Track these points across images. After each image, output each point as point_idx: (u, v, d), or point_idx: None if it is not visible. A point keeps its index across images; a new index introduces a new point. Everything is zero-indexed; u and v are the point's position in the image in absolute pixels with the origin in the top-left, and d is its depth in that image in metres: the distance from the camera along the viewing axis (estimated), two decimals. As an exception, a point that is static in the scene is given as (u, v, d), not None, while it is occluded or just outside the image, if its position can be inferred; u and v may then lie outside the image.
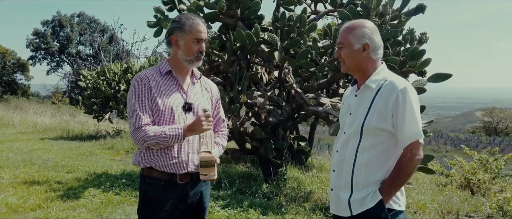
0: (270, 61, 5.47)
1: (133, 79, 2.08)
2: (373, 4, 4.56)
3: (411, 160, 1.79)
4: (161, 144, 2.00)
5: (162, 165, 2.05)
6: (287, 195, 5.07)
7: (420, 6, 4.60)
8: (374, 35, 1.90)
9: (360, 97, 1.94)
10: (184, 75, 2.17)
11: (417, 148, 1.80)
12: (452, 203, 5.32)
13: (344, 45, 1.93)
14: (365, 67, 1.92)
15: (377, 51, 1.92)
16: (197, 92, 2.20)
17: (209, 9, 5.24)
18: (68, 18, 28.60)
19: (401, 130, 1.78)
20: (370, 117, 1.83)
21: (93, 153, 7.99)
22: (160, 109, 2.03)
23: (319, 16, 5.63)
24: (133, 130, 2.01)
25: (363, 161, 1.85)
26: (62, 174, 5.76)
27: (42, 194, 4.69)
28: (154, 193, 2.07)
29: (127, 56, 24.19)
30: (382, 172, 1.84)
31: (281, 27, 5.08)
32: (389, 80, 1.85)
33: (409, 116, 1.77)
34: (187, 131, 2.01)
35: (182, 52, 2.08)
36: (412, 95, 1.80)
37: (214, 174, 2.06)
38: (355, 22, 1.94)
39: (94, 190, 4.84)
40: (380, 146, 1.84)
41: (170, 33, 2.10)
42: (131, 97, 2.04)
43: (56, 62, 29.58)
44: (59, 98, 23.12)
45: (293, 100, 5.24)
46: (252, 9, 5.31)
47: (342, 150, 1.94)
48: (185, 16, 2.10)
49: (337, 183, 1.95)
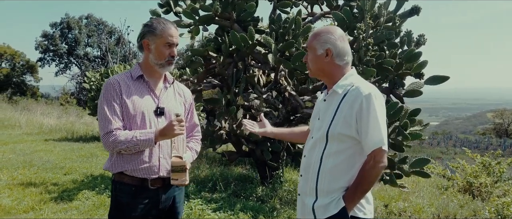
0: (266, 64, 5.44)
1: (103, 84, 2.08)
2: (368, 6, 4.52)
3: (374, 167, 1.76)
4: (132, 148, 1.98)
5: (132, 170, 2.03)
6: (282, 198, 5.04)
7: (415, 8, 4.54)
8: (339, 42, 1.88)
9: (328, 102, 1.93)
10: (156, 79, 2.15)
11: (381, 155, 1.77)
12: (450, 207, 5.24)
13: (309, 50, 1.93)
14: (330, 72, 1.91)
15: (343, 58, 1.90)
16: (170, 96, 2.18)
17: (205, 12, 5.24)
18: (76, 20, 28.92)
19: (365, 136, 1.76)
20: (335, 122, 1.81)
21: (94, 154, 8.04)
22: (130, 113, 2.02)
23: (315, 18, 5.59)
24: (103, 135, 1.99)
25: (328, 167, 1.83)
26: (59, 176, 5.80)
27: (36, 196, 4.73)
28: (125, 199, 2.05)
29: (134, 58, 24.36)
30: (347, 179, 1.82)
31: (276, 29, 5.05)
32: (355, 86, 1.83)
33: (372, 122, 1.75)
34: (159, 135, 2.00)
35: (154, 56, 2.08)
36: (376, 102, 1.77)
37: (185, 178, 2.04)
38: (322, 29, 1.94)
39: (88, 192, 4.86)
40: (345, 152, 1.81)
41: (141, 37, 2.10)
42: (101, 102, 2.03)
43: (64, 64, 29.92)
44: (66, 99, 23.37)
45: (288, 103, 5.21)
46: (247, 12, 5.29)
47: (309, 154, 1.92)
48: (157, 20, 2.10)
49: (303, 188, 1.93)
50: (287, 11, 5.44)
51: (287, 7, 5.39)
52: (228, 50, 5.25)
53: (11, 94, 25.00)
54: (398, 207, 5.05)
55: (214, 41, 5.47)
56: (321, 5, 5.57)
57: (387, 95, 5.03)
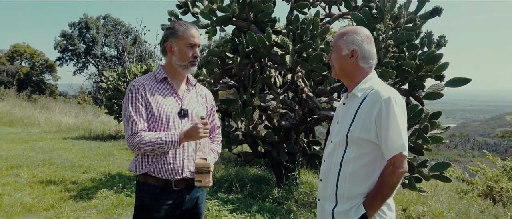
0: (283, 65, 5.41)
1: (128, 85, 2.11)
2: (388, 6, 4.45)
3: (393, 172, 1.72)
4: (157, 150, 2.01)
5: (157, 171, 2.07)
6: (298, 200, 5.01)
7: (437, 8, 4.45)
8: (365, 43, 1.85)
9: (347, 105, 1.90)
10: (179, 81, 2.19)
11: (401, 160, 1.73)
12: (471, 212, 5.12)
13: (334, 49, 1.90)
14: (353, 74, 1.87)
15: (368, 60, 1.87)
16: (192, 98, 2.21)
17: (222, 12, 5.24)
18: (94, 20, 29.36)
19: (384, 141, 1.72)
20: (354, 126, 1.78)
21: (111, 153, 8.14)
22: (155, 115, 2.06)
23: (333, 19, 5.54)
24: (128, 136, 2.03)
25: (348, 172, 1.80)
26: (78, 174, 5.89)
27: (56, 194, 4.81)
28: (149, 200, 2.08)
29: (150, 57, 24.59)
30: (367, 185, 1.78)
31: (294, 30, 5.03)
32: (374, 90, 1.79)
33: (392, 127, 1.71)
34: (183, 137, 2.03)
35: (177, 58, 2.11)
36: (396, 106, 1.73)
37: (209, 180, 2.07)
38: (349, 28, 1.91)
39: (106, 191, 4.92)
40: (365, 157, 1.78)
41: (164, 40, 2.14)
42: (127, 104, 2.07)
43: (82, 63, 30.43)
44: (83, 98, 23.74)
45: (305, 104, 5.17)
46: (265, 12, 5.27)
47: (329, 159, 1.90)
48: (178, 23, 2.16)
49: (323, 193, 1.90)
50: (305, 12, 5.40)
51: (305, 8, 5.36)
52: (245, 51, 5.24)
53: (30, 93, 25.52)
54: (416, 211, 4.96)
55: (231, 42, 5.47)
56: (339, 6, 5.51)
57: (406, 98, 4.95)
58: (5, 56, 27.74)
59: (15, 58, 28.06)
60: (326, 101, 5.28)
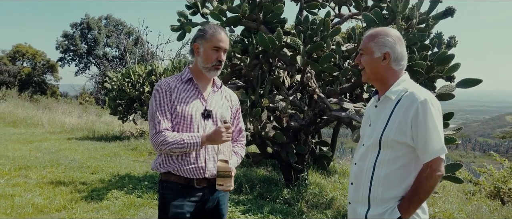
0: (293, 65, 5.41)
1: (155, 86, 2.14)
2: (400, 7, 4.44)
3: (430, 176, 1.70)
4: (179, 150, 2.03)
5: (179, 170, 2.08)
6: (309, 201, 5.00)
7: (449, 9, 4.44)
8: (397, 45, 1.83)
9: (379, 108, 1.87)
10: (205, 83, 2.20)
11: (438, 163, 1.71)
12: (481, 213, 5.11)
13: (364, 52, 1.87)
14: (385, 77, 1.85)
15: (400, 62, 1.84)
16: (217, 100, 2.22)
17: (232, 13, 5.24)
18: (96, 21, 29.35)
19: (422, 145, 1.70)
20: (389, 129, 1.76)
21: (117, 154, 8.13)
22: (179, 115, 2.07)
23: (343, 19, 5.53)
24: (152, 134, 2.05)
25: (382, 175, 1.77)
26: (87, 175, 5.88)
27: (67, 195, 4.80)
28: (172, 196, 2.10)
29: (152, 58, 24.59)
30: (402, 188, 1.76)
31: (304, 30, 5.02)
32: (409, 92, 1.76)
33: (431, 130, 1.69)
34: (206, 140, 2.05)
35: (201, 59, 2.13)
36: (433, 108, 1.71)
37: (230, 184, 2.07)
38: (378, 30, 1.88)
39: (117, 192, 4.91)
40: (399, 160, 1.76)
41: (193, 40, 2.17)
42: (152, 103, 2.10)
43: (84, 64, 30.41)
44: (86, 98, 23.73)
45: (316, 105, 5.16)
46: (274, 13, 5.27)
47: (361, 162, 1.87)
48: (209, 25, 2.17)
49: (355, 197, 1.88)
50: (314, 12, 5.40)
51: (315, 8, 5.36)
52: (255, 51, 5.24)
53: (32, 93, 25.51)
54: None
55: (240, 43, 5.46)
56: (349, 7, 5.51)
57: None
58: (7, 57, 27.74)
59: (17, 59, 28.06)
60: (336, 102, 5.27)
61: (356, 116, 4.91)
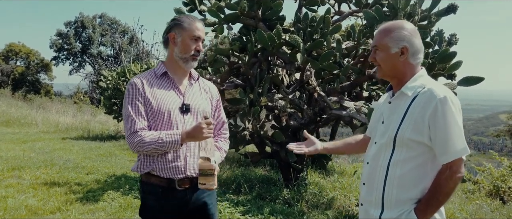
0: (292, 63, 5.32)
1: (127, 84, 2.02)
2: (401, 4, 4.37)
3: (450, 177, 1.60)
4: (158, 150, 1.93)
5: (159, 169, 1.98)
6: (309, 202, 4.92)
7: (452, 6, 4.37)
8: (414, 38, 1.73)
9: (394, 105, 1.77)
10: (181, 76, 2.09)
11: (458, 164, 1.61)
12: (483, 212, 5.07)
13: (379, 49, 1.76)
14: (403, 73, 1.74)
15: (417, 56, 1.74)
16: (195, 93, 2.11)
17: (230, 10, 5.14)
18: (90, 19, 29.09)
19: (441, 145, 1.60)
20: (404, 127, 1.66)
21: (113, 153, 8.01)
22: (155, 112, 1.97)
23: (343, 16, 5.45)
24: (128, 135, 1.94)
25: (396, 175, 1.67)
26: (82, 176, 5.76)
27: (62, 196, 4.68)
28: (152, 201, 2.00)
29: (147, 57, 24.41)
30: (418, 190, 1.66)
31: (303, 28, 4.93)
32: (427, 88, 1.66)
33: (451, 129, 1.59)
34: (186, 137, 1.93)
35: (179, 50, 2.02)
36: (453, 106, 1.60)
37: (213, 183, 1.94)
38: (392, 23, 1.78)
39: (113, 193, 4.79)
40: (415, 160, 1.66)
41: (168, 30, 2.06)
42: (125, 102, 1.99)
43: (78, 63, 30.15)
44: (80, 98, 23.51)
45: (316, 104, 5.08)
46: (273, 10, 5.17)
47: (373, 162, 1.77)
48: (185, 15, 2.08)
49: (367, 198, 1.79)
50: (314, 10, 5.31)
51: (314, 6, 5.26)
52: (253, 49, 5.14)
53: (25, 93, 25.24)
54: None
55: (239, 40, 5.36)
56: (349, 4, 5.43)
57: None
58: (0, 56, 27.41)
59: (10, 58, 27.75)
60: (336, 101, 5.19)
61: (356, 114, 4.83)
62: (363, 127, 4.51)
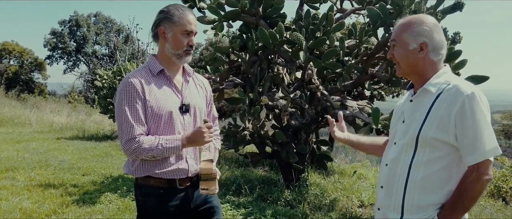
0: (293, 62, 5.22)
1: (121, 83, 1.87)
2: (406, 1, 4.27)
3: (478, 180, 1.48)
4: (157, 156, 1.82)
5: (160, 173, 1.87)
6: (311, 203, 4.82)
7: (458, 3, 4.28)
8: (435, 33, 1.62)
9: (416, 102, 1.65)
10: (175, 72, 1.97)
11: (487, 166, 1.50)
12: (487, 213, 4.99)
13: (398, 44, 1.66)
14: (423, 70, 1.63)
15: (439, 52, 1.63)
16: (193, 91, 2.01)
17: (231, 7, 5.02)
18: (85, 18, 28.82)
19: (469, 145, 1.49)
20: (428, 125, 1.54)
21: (109, 154, 7.87)
22: (155, 114, 1.84)
23: (346, 14, 5.36)
24: (125, 141, 1.80)
25: (418, 179, 1.56)
26: (78, 177, 5.62)
27: (57, 198, 4.54)
28: (153, 203, 1.89)
29: (143, 56, 24.23)
30: (442, 194, 1.54)
31: (305, 25, 4.83)
32: (452, 84, 1.55)
33: (480, 128, 1.48)
34: (186, 143, 1.84)
35: (170, 46, 1.89)
36: (482, 103, 1.50)
37: (215, 187, 1.88)
38: (411, 18, 1.67)
39: (110, 195, 4.66)
40: (439, 162, 1.54)
41: (157, 24, 1.91)
42: (121, 103, 1.83)
43: (73, 62, 29.88)
44: (74, 97, 23.26)
45: (318, 103, 4.97)
46: (275, 7, 5.06)
47: (393, 164, 1.66)
48: (174, 6, 1.91)
49: (386, 202, 1.67)
50: (316, 7, 5.20)
51: (316, 3, 5.15)
52: (254, 47, 5.03)
53: (19, 92, 24.94)
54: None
55: (240, 38, 5.24)
56: (352, 1, 5.33)
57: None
58: (-7, 55, 27.09)
59: (3, 57, 27.41)
60: (339, 100, 5.09)
61: (360, 114, 4.74)
62: (367, 127, 4.41)
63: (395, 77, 4.60)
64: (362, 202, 5.19)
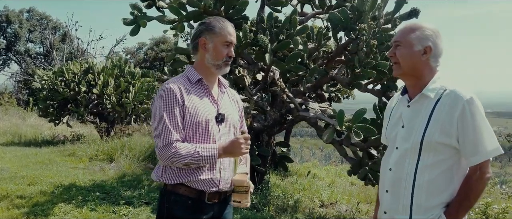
0: (255, 64, 5.20)
1: (160, 89, 1.88)
2: (368, 6, 4.43)
3: (480, 178, 1.60)
4: (192, 164, 1.80)
5: (192, 181, 1.84)
6: (275, 205, 4.83)
7: (414, 10, 4.53)
8: (438, 40, 1.71)
9: (414, 108, 1.72)
10: (212, 83, 1.99)
11: (486, 165, 1.62)
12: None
13: (402, 45, 1.72)
14: (421, 73, 1.71)
15: (438, 59, 1.73)
16: (227, 102, 2.02)
17: (193, 7, 4.88)
18: (16, 14, 26.58)
19: (471, 146, 1.59)
20: (431, 130, 1.62)
21: (53, 160, 7.32)
22: (193, 122, 1.84)
23: (307, 18, 5.44)
24: (162, 146, 1.79)
25: (424, 182, 1.64)
26: (23, 187, 5.12)
27: (3, 212, 4.10)
28: (181, 213, 1.85)
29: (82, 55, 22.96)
30: (447, 194, 1.64)
31: (268, 28, 4.83)
32: (450, 90, 1.64)
33: (481, 130, 1.58)
34: (223, 153, 1.83)
35: (210, 56, 1.91)
36: (480, 106, 1.61)
37: (247, 200, 1.89)
38: (416, 23, 1.76)
39: (65, 206, 4.30)
40: (443, 164, 1.63)
41: (198, 35, 1.93)
42: (160, 109, 1.82)
43: (2, 61, 27.42)
44: (6, 99, 21.38)
45: (283, 105, 5.00)
46: (237, 8, 5.00)
47: (397, 168, 1.71)
48: (214, 18, 1.96)
49: (393, 206, 1.73)
50: (279, 10, 5.22)
51: (279, 6, 5.17)
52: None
53: None
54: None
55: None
56: (313, 5, 5.43)
57: (379, 99, 5.00)
58: None
59: None
60: (301, 103, 5.16)
61: (322, 115, 4.83)
62: (330, 129, 4.50)
63: (356, 80, 4.75)
64: (322, 202, 5.30)
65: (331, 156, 13.95)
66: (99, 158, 7.42)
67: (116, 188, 5.09)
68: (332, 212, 4.92)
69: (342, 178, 7.59)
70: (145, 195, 4.76)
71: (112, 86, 9.92)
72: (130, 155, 7.04)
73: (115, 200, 4.58)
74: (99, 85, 9.85)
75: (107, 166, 6.82)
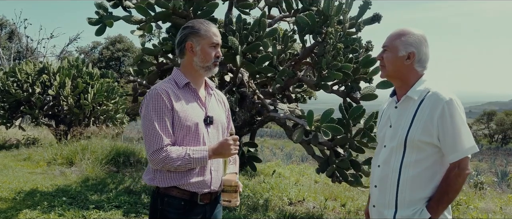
0: (224, 65, 5.25)
1: (148, 94, 1.89)
2: (334, 11, 4.61)
3: (459, 175, 1.74)
4: (184, 166, 1.84)
5: (185, 184, 1.88)
6: (246, 205, 4.90)
7: (376, 15, 4.78)
8: (423, 46, 1.84)
9: (401, 109, 1.87)
10: (199, 86, 2.02)
11: (466, 162, 1.75)
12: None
13: (389, 49, 1.86)
14: (406, 77, 1.85)
15: (423, 64, 1.85)
16: (214, 104, 2.06)
17: (161, 8, 4.84)
18: (-45, 9, 24.83)
19: (450, 144, 1.72)
20: (414, 129, 1.76)
21: (7, 165, 6.93)
22: (183, 126, 1.86)
23: (275, 21, 5.56)
24: (152, 151, 1.81)
25: (409, 177, 1.78)
26: (-21, 194, 4.84)
27: (-39, 222, 3.88)
28: (174, 214, 1.88)
29: (32, 54, 21.83)
30: (429, 189, 1.78)
31: (237, 30, 4.90)
32: (432, 92, 1.78)
33: (460, 129, 1.72)
34: (212, 154, 1.88)
35: (199, 59, 1.94)
36: (459, 107, 1.75)
37: (237, 199, 1.96)
38: (404, 29, 1.88)
39: (30, 212, 4.11)
40: (425, 161, 1.78)
41: (183, 40, 1.95)
42: (150, 115, 1.84)
43: None
44: None
45: (252, 106, 5.08)
46: (206, 10, 5.02)
47: (384, 165, 1.86)
48: (197, 21, 1.99)
49: (380, 200, 1.87)
50: (247, 12, 5.30)
51: (247, 8, 5.25)
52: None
53: None
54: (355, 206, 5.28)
55: (171, 40, 5.09)
56: (280, 8, 5.55)
57: (344, 99, 5.22)
58: None
59: None
60: (270, 103, 5.27)
61: (291, 116, 4.97)
62: (300, 129, 4.64)
63: (323, 82, 4.93)
64: (290, 200, 5.44)
65: (292, 156, 14.27)
66: (58, 162, 7.12)
67: (82, 193, 4.94)
68: (301, 210, 5.07)
69: (306, 176, 7.82)
70: (114, 199, 4.66)
71: (69, 87, 9.55)
72: (92, 158, 6.83)
73: (83, 204, 4.45)
74: (55, 86, 9.45)
75: (67, 170, 6.58)
